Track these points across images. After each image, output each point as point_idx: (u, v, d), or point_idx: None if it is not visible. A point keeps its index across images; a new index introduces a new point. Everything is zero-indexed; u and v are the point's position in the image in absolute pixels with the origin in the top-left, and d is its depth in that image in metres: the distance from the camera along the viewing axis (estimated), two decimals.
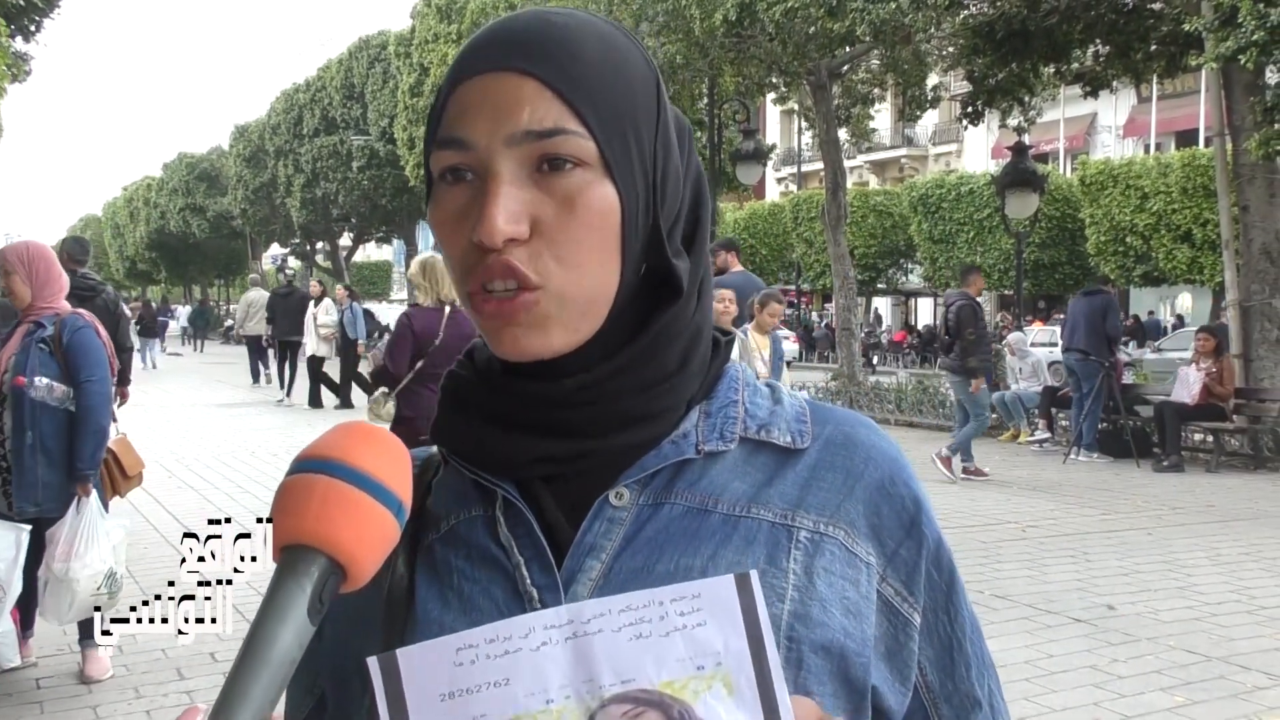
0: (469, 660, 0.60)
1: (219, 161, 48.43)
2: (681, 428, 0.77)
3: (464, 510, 0.78)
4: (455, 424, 0.79)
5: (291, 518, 0.60)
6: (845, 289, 17.19)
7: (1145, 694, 4.61)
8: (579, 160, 0.71)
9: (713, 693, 0.59)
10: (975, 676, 0.81)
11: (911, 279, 35.30)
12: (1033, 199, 14.57)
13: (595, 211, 0.71)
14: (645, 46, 0.80)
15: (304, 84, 37.15)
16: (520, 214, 0.70)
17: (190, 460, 11.22)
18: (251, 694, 0.55)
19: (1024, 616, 5.69)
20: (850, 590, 0.74)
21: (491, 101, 0.71)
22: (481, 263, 0.71)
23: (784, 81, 18.47)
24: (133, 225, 57.28)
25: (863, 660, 0.74)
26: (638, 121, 0.74)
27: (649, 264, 0.76)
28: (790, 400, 0.82)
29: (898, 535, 0.78)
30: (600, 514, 0.74)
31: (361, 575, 0.61)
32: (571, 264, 0.71)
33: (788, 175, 44.12)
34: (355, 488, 0.61)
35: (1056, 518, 8.59)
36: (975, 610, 0.83)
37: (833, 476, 0.77)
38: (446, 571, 0.76)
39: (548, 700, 0.59)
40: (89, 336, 4.43)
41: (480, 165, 0.72)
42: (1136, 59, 14.13)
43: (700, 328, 0.79)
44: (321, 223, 36.91)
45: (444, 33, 26.41)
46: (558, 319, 0.72)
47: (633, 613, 0.60)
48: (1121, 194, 24.71)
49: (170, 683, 4.66)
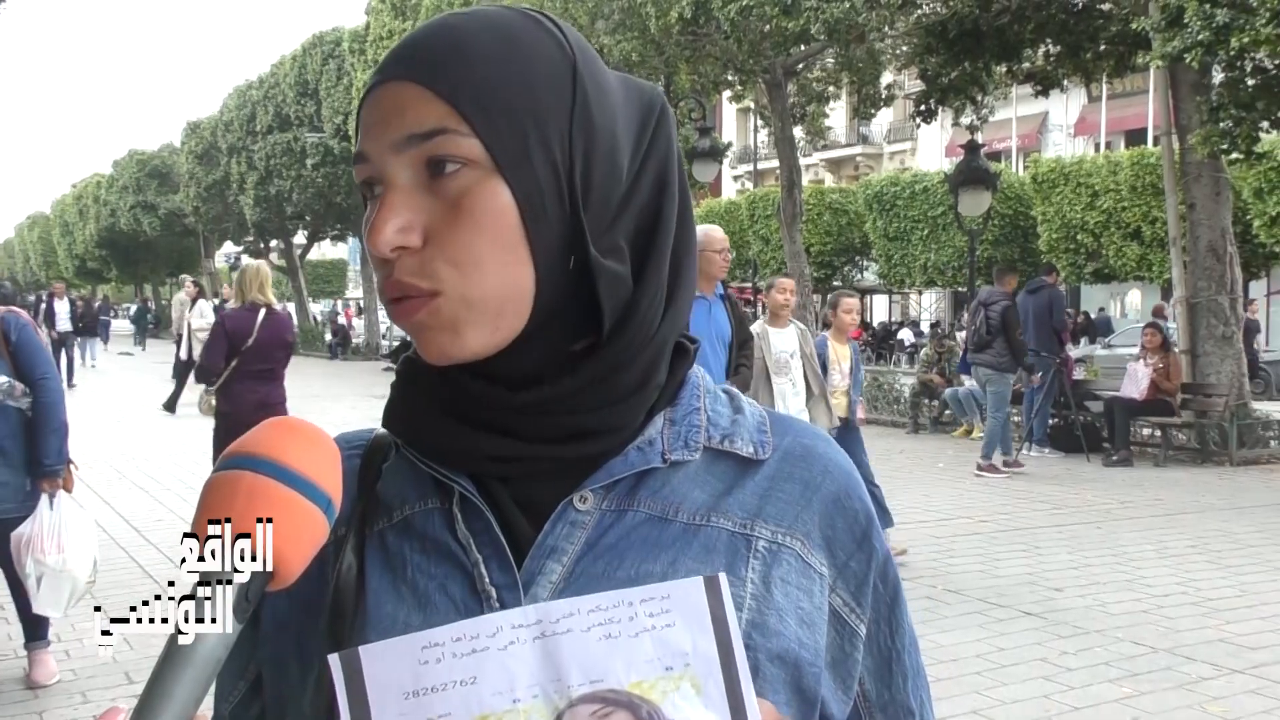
0: (434, 659, 0.59)
1: (170, 158, 47.72)
2: (646, 434, 0.77)
3: (418, 502, 0.77)
4: (410, 412, 0.77)
5: (216, 515, 0.59)
6: (801, 286, 17.26)
7: (1094, 685, 4.67)
8: (465, 159, 0.69)
9: (681, 693, 0.59)
10: (910, 688, 0.82)
11: (867, 276, 35.51)
12: (986, 197, 14.71)
13: (484, 211, 0.70)
14: (601, 45, 0.77)
15: (257, 80, 36.69)
16: (411, 223, 0.70)
17: (140, 461, 11.07)
18: (174, 693, 0.55)
19: (976, 610, 5.75)
20: (805, 601, 0.75)
21: (380, 111, 0.71)
22: (384, 278, 0.72)
23: (739, 79, 18.51)
24: (82, 223, 56.35)
25: (815, 670, 0.74)
26: (540, 113, 0.71)
27: (576, 259, 0.73)
28: (750, 409, 0.82)
29: (849, 548, 0.78)
30: (563, 517, 0.74)
31: (289, 574, 0.60)
32: (466, 266, 0.70)
33: (744, 173, 44.23)
34: (283, 484, 0.60)
35: (1008, 512, 8.69)
36: (928, 604, 0.84)
37: (791, 488, 0.78)
38: (400, 564, 0.75)
39: (514, 700, 0.59)
40: (34, 334, 4.47)
41: (378, 176, 0.72)
42: (1086, 58, 14.30)
43: (667, 340, 0.77)
44: (275, 220, 36.49)
45: (398, 29, 26.20)
46: (467, 320, 0.71)
47: (602, 613, 0.60)
48: (1072, 192, 25.02)
49: (118, 687, 4.59)
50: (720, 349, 5.56)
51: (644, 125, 0.77)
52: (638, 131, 0.76)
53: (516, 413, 0.73)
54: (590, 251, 0.72)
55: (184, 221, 45.44)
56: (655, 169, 0.77)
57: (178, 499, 8.91)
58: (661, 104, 0.79)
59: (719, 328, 5.57)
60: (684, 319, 0.79)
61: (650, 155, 0.77)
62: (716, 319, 5.56)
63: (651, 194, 0.76)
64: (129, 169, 49.50)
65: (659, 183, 0.77)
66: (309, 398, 18.68)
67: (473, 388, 0.74)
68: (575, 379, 0.73)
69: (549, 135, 0.71)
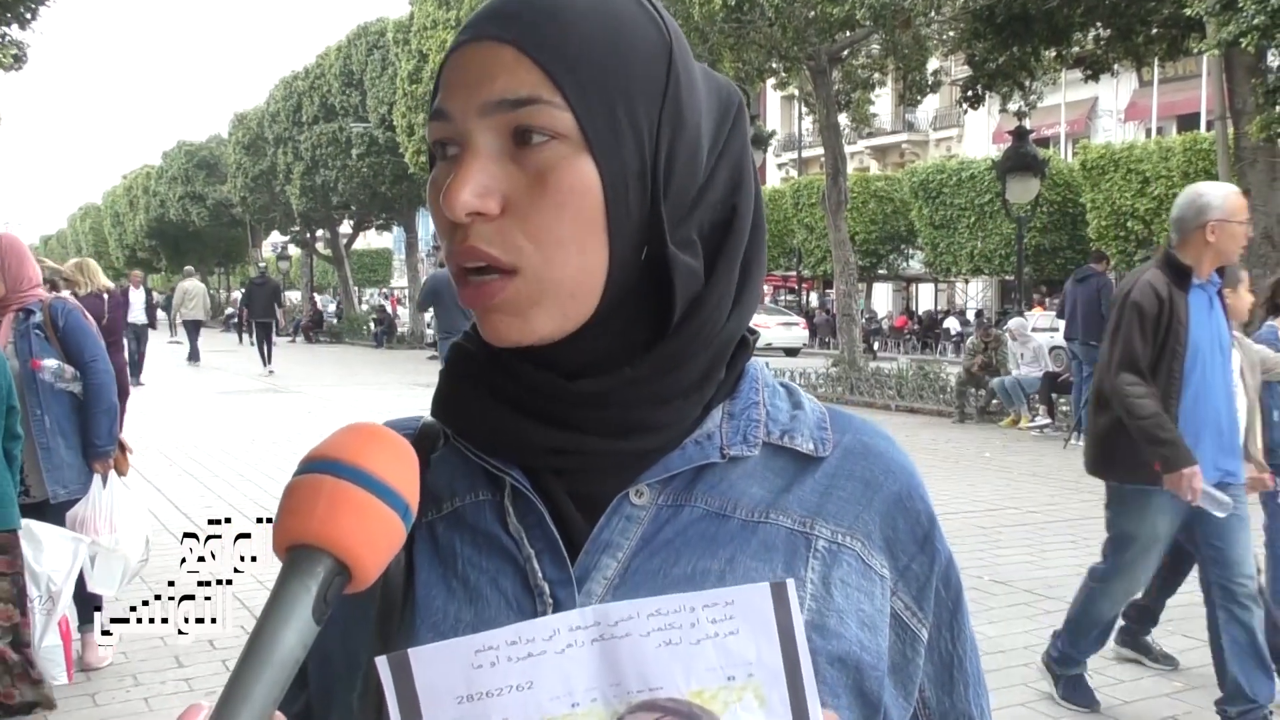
0: (489, 662, 0.58)
1: (218, 149, 48.27)
2: (705, 427, 0.75)
3: (469, 493, 0.76)
4: (461, 400, 0.76)
5: (297, 518, 0.59)
6: (846, 275, 17.16)
7: (1144, 679, 4.61)
8: (554, 133, 0.67)
9: (743, 704, 0.57)
10: (971, 695, 0.81)
11: (912, 264, 35.25)
12: (1033, 184, 14.54)
13: (569, 189, 0.67)
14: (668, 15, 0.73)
15: (303, 71, 36.97)
16: (490, 188, 0.67)
17: (190, 448, 11.22)
18: (254, 694, 0.55)
19: (1023, 602, 5.68)
20: (866, 603, 0.73)
21: (471, 70, 0.68)
22: (456, 243, 0.69)
23: (784, 67, 18.40)
24: (132, 213, 57.17)
25: (877, 674, 0.72)
26: (632, 94, 0.69)
27: (650, 250, 0.71)
28: (810, 405, 0.80)
29: (911, 550, 0.76)
30: (619, 511, 0.72)
31: (366, 577, 0.60)
32: (546, 243, 0.68)
33: (788, 161, 44.03)
34: (362, 489, 0.60)
35: (1057, 503, 8.59)
36: (975, 595, 0.82)
37: (851, 486, 0.76)
38: (450, 556, 0.74)
39: (573, 704, 0.57)
40: (81, 319, 4.58)
41: (459, 137, 0.69)
42: (1137, 42, 14.09)
43: (733, 336, 0.76)
44: (321, 210, 36.78)
45: (442, 19, 26.30)
46: (538, 304, 0.69)
47: (662, 618, 0.58)
48: (1123, 178, 24.64)
49: (168, 670, 4.67)
50: (1222, 359, 3.90)
51: (722, 120, 0.76)
52: (716, 126, 0.75)
53: (572, 404, 0.72)
54: (667, 243, 0.70)
55: (231, 211, 45.95)
56: (730, 165, 0.75)
57: (226, 485, 9.02)
58: (739, 101, 0.77)
59: (1218, 331, 3.91)
60: (750, 316, 0.77)
61: (727, 151, 0.75)
62: (1217, 319, 3.92)
63: (726, 190, 0.75)
64: (178, 160, 50.15)
65: (734, 179, 0.75)
66: (355, 385, 18.88)
67: (529, 375, 0.72)
68: (635, 371, 0.72)
69: (639, 118, 0.69)
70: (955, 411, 14.16)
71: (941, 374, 15.69)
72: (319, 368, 23.74)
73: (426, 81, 26.75)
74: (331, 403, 16.17)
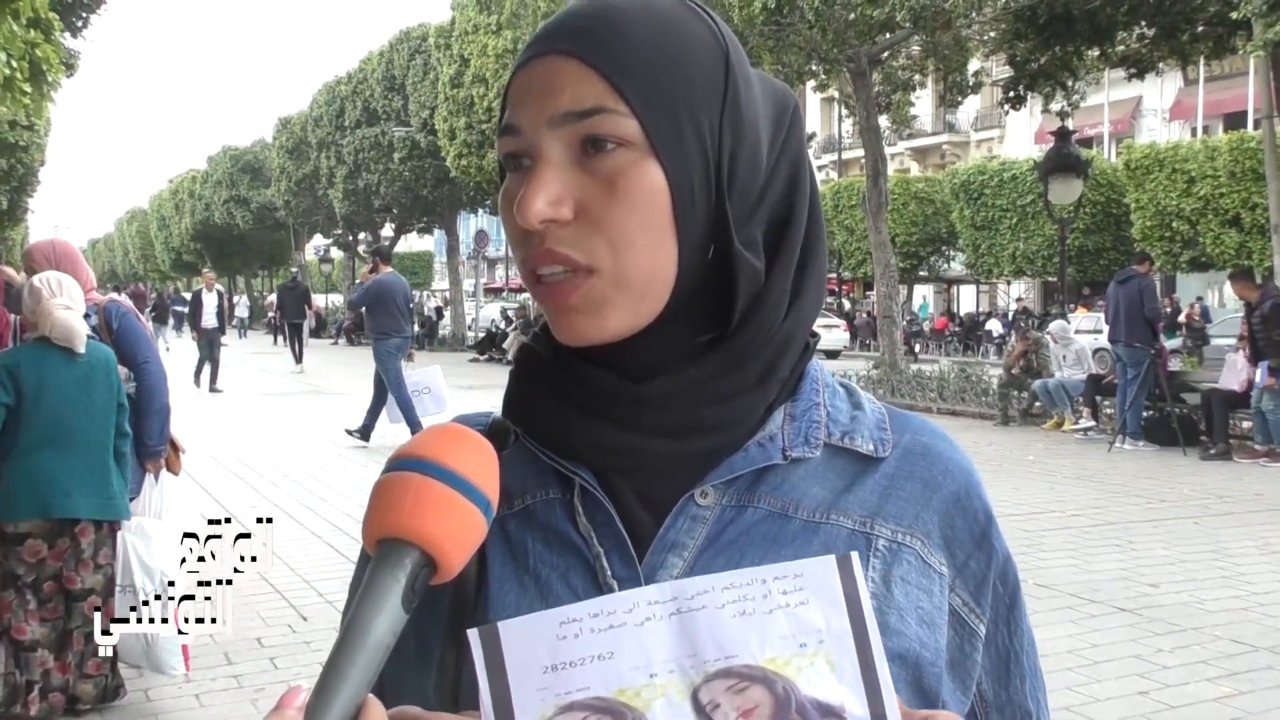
0: (572, 634, 0.60)
1: (262, 153, 48.81)
2: (767, 429, 0.77)
3: (540, 490, 0.78)
4: (530, 401, 0.79)
5: (387, 513, 0.63)
6: (887, 277, 17.07)
7: (1191, 684, 4.57)
8: (621, 140, 0.70)
9: (815, 669, 0.59)
10: (1029, 689, 0.83)
11: (954, 266, 34.99)
12: (1076, 184, 14.40)
13: (639, 192, 0.70)
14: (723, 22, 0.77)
15: (345, 76, 37.28)
16: (562, 196, 0.70)
17: (236, 449, 11.36)
18: (350, 675, 0.58)
19: (1068, 606, 5.65)
20: (925, 600, 0.75)
21: (538, 85, 0.72)
22: (531, 249, 0.72)
23: (824, 69, 18.31)
24: (178, 217, 57.93)
25: (936, 670, 0.74)
26: (694, 100, 0.72)
27: (717, 249, 0.74)
28: (870, 405, 0.82)
29: (968, 547, 0.78)
30: (684, 511, 0.75)
31: (451, 568, 0.63)
32: (620, 245, 0.70)
33: (828, 163, 43.85)
34: (447, 486, 0.63)
35: (1101, 506, 8.51)
36: None
37: (911, 486, 0.78)
38: (521, 552, 0.76)
39: (651, 674, 0.59)
40: (135, 321, 4.70)
41: (530, 149, 0.72)
42: (1182, 41, 13.91)
43: (792, 335, 0.78)
44: (363, 214, 37.06)
45: (483, 24, 26.44)
46: (614, 302, 0.72)
47: (736, 590, 0.60)
48: (1167, 178, 24.34)
49: (219, 667, 4.74)
50: None
51: (779, 123, 0.78)
52: (774, 128, 0.78)
53: (638, 404, 0.74)
54: (734, 242, 0.73)
55: (275, 215, 46.43)
56: (789, 166, 0.78)
57: (271, 485, 9.14)
58: (795, 104, 0.80)
59: None
60: (811, 316, 0.79)
61: (785, 152, 0.78)
62: None
63: (785, 191, 0.77)
64: (222, 164, 50.77)
65: (792, 180, 0.78)
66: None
67: (595, 377, 0.75)
68: (699, 370, 0.74)
69: (701, 123, 0.72)
70: (998, 414, 14.05)
71: (984, 376, 15.57)
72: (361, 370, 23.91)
73: (468, 86, 26.90)
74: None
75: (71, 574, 3.96)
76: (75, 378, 3.96)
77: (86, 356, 4.00)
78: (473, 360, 27.20)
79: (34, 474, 3.87)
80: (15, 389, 3.86)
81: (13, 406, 3.86)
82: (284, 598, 5.80)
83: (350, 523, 7.47)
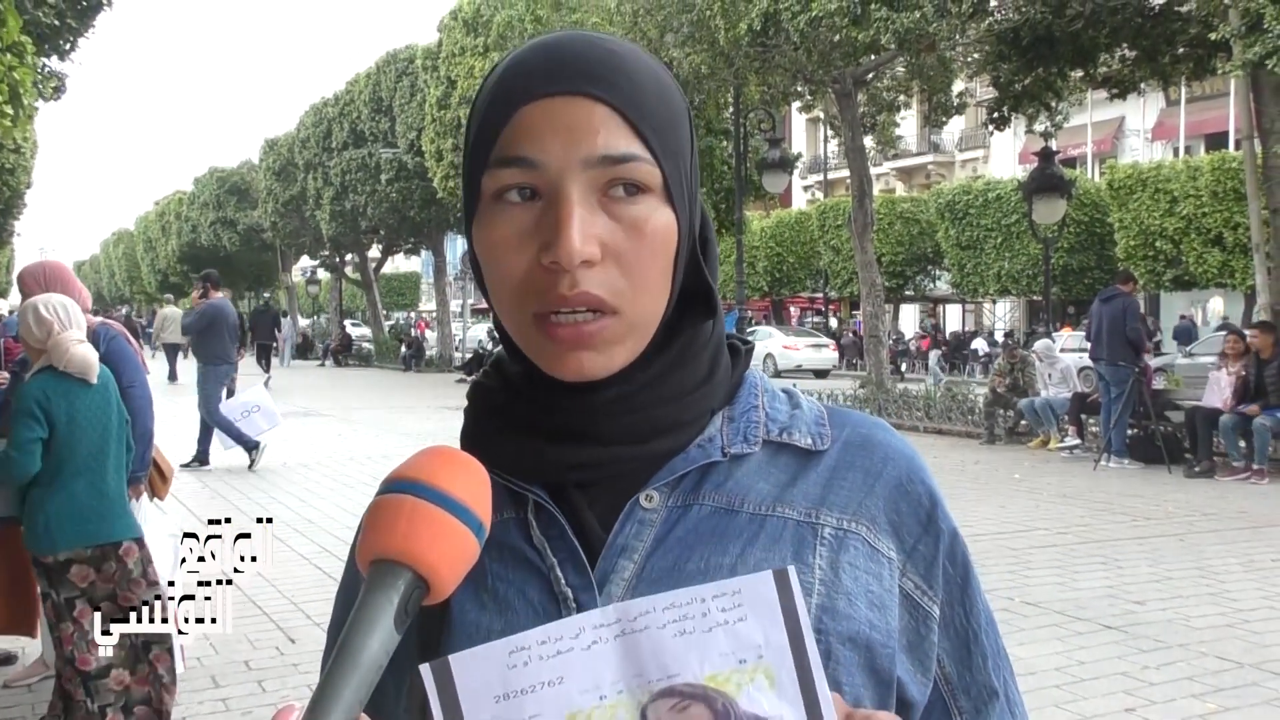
0: (522, 662, 0.61)
1: (249, 175, 48.69)
2: (707, 432, 0.80)
3: (497, 513, 0.79)
4: (486, 432, 0.82)
5: (381, 534, 0.64)
6: (873, 296, 17.14)
7: (1177, 700, 4.59)
8: (646, 186, 0.73)
9: (755, 685, 0.61)
10: (992, 668, 0.84)
11: (939, 286, 35.11)
12: (1060, 204, 14.51)
13: (660, 237, 0.74)
14: (671, 58, 0.83)
15: (332, 98, 37.28)
16: (594, 237, 0.72)
17: (221, 471, 11.32)
18: (343, 695, 0.59)
19: (1054, 624, 5.67)
20: (874, 584, 0.77)
21: (565, 124, 0.72)
22: (552, 287, 0.72)
23: (809, 90, 18.45)
24: (164, 239, 57.71)
25: (888, 651, 0.76)
26: (682, 147, 0.76)
27: (685, 285, 0.79)
28: (808, 405, 0.85)
29: (915, 531, 0.80)
30: (631, 515, 0.77)
31: (443, 589, 0.65)
32: (641, 288, 0.74)
33: (814, 183, 44.04)
34: (440, 508, 0.64)
35: (1087, 524, 8.54)
36: (1005, 617, 0.85)
37: (853, 476, 0.80)
38: (480, 574, 0.77)
39: (600, 696, 0.61)
40: (124, 344, 4.66)
41: (549, 186, 0.73)
42: (1164, 62, 14.04)
43: (722, 338, 0.83)
44: (350, 235, 37.00)
45: (470, 46, 26.51)
46: (624, 342, 0.75)
47: (677, 609, 0.62)
48: (1150, 198, 24.50)
49: (206, 690, 4.72)
50: None
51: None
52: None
53: (594, 414, 0.77)
54: (707, 277, 0.80)
55: (262, 236, 46.31)
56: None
57: (256, 506, 9.10)
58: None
59: None
60: (722, 318, 0.84)
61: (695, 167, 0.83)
62: None
63: (701, 220, 0.82)
64: (209, 186, 50.63)
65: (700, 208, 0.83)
66: (383, 409, 18.97)
67: (551, 398, 0.78)
68: (646, 374, 0.78)
69: (689, 170, 0.77)
70: (984, 432, 14.09)
71: (969, 395, 15.63)
72: (347, 391, 23.90)
73: (455, 107, 26.93)
74: (360, 426, 16.27)
75: (126, 593, 3.89)
76: (95, 403, 3.93)
77: (100, 380, 3.98)
78: (460, 381, 27.17)
79: (73, 503, 3.82)
80: (48, 421, 3.84)
81: (46, 439, 3.84)
82: (271, 620, 5.78)
83: (338, 545, 7.45)
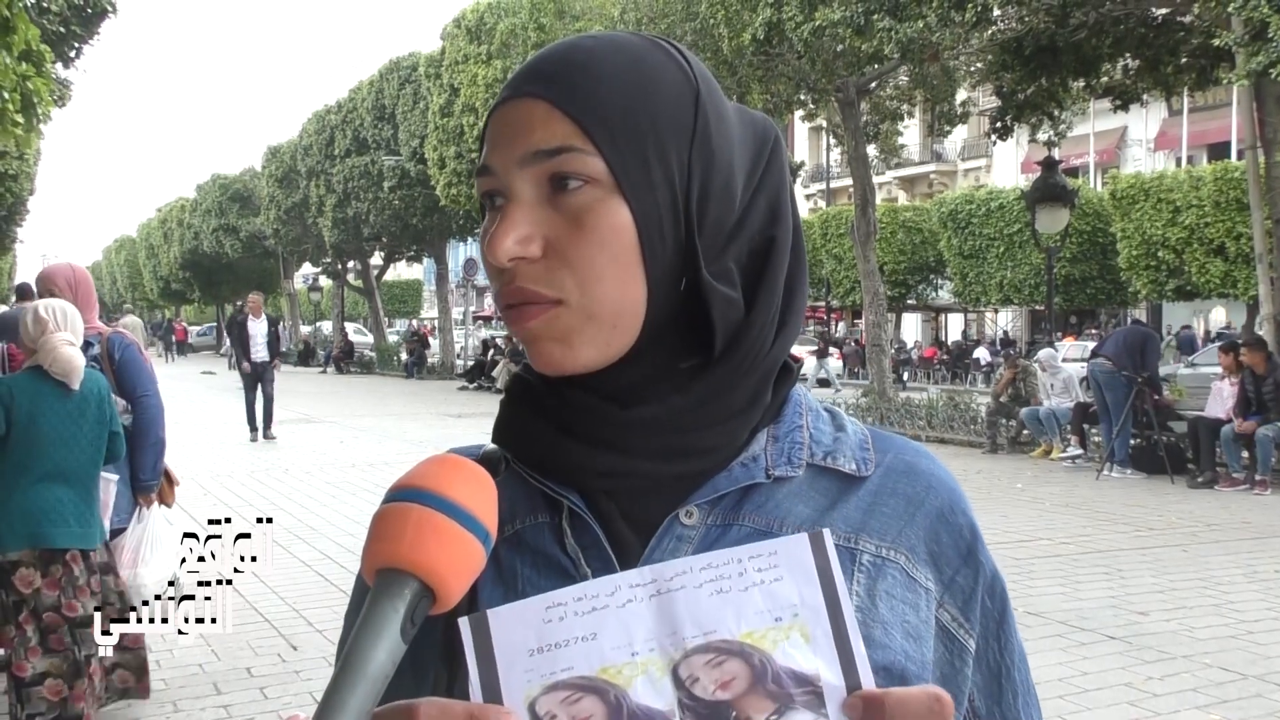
0: (557, 618, 0.62)
1: (252, 182, 48.80)
2: (750, 450, 0.78)
3: (529, 515, 0.79)
4: (520, 427, 0.80)
5: (387, 543, 0.63)
6: (875, 305, 17.14)
7: (1181, 711, 4.58)
8: (587, 177, 0.72)
9: (791, 641, 0.61)
10: (1021, 705, 0.82)
11: (942, 295, 35.13)
12: (1063, 214, 14.50)
13: (605, 228, 0.72)
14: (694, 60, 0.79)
15: (335, 105, 37.39)
16: (531, 235, 0.73)
17: (224, 477, 11.33)
18: (349, 705, 0.59)
19: (1057, 634, 5.66)
20: (910, 614, 0.75)
21: (509, 126, 0.74)
22: (502, 285, 0.74)
23: (812, 99, 18.46)
24: (167, 245, 57.81)
25: (922, 683, 0.74)
26: (662, 137, 0.74)
27: (688, 281, 0.76)
28: (853, 427, 0.83)
29: (955, 563, 0.79)
30: (670, 531, 0.76)
31: (450, 599, 0.64)
32: (587, 278, 0.72)
33: (816, 192, 44.07)
34: (447, 517, 0.64)
35: (1089, 534, 8.54)
36: None
37: (894, 503, 0.79)
38: (511, 577, 0.77)
39: (633, 653, 0.62)
40: (137, 354, 4.68)
41: (503, 188, 0.74)
42: (1167, 72, 14.06)
43: (777, 362, 0.80)
44: (353, 242, 37.07)
45: (473, 54, 26.59)
46: (582, 333, 0.73)
47: (713, 570, 0.62)
48: (1153, 208, 24.52)
49: (208, 697, 4.72)
50: None
51: (758, 156, 0.80)
52: (752, 161, 0.79)
53: (625, 429, 0.76)
54: (702, 274, 0.75)
55: (264, 243, 46.39)
56: (768, 198, 0.79)
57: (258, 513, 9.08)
58: (775, 136, 0.81)
59: None
60: (792, 342, 0.81)
61: (764, 185, 0.79)
62: None
63: (765, 222, 0.79)
64: (212, 193, 50.72)
65: (772, 211, 0.79)
66: (386, 416, 18.98)
67: (583, 403, 0.77)
68: (685, 398, 0.76)
69: (669, 159, 0.74)
70: (986, 442, 14.08)
71: (972, 404, 15.62)
72: (350, 398, 23.90)
73: (458, 115, 27.00)
74: (363, 432, 16.27)
75: (71, 601, 3.92)
76: (68, 410, 3.94)
77: (81, 390, 3.98)
78: (462, 389, 27.19)
79: (25, 505, 3.85)
80: (6, 418, 3.85)
81: (3, 436, 3.85)
82: (273, 627, 5.77)
83: (340, 551, 7.46)
